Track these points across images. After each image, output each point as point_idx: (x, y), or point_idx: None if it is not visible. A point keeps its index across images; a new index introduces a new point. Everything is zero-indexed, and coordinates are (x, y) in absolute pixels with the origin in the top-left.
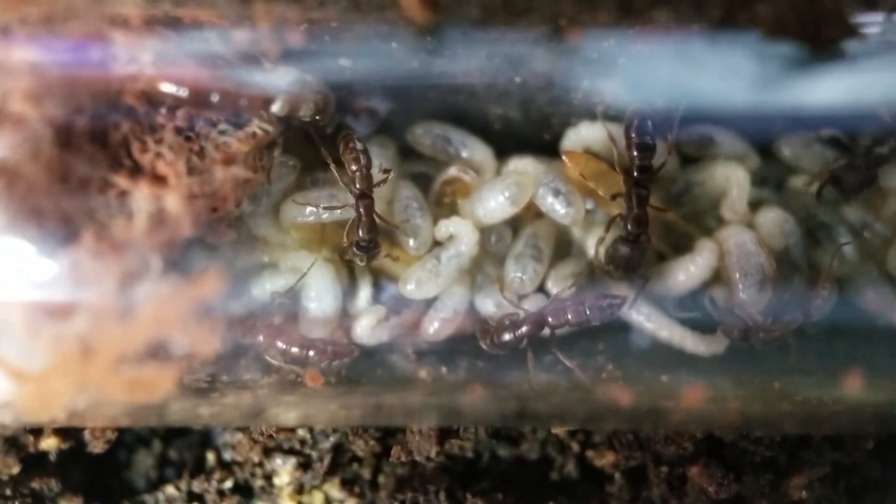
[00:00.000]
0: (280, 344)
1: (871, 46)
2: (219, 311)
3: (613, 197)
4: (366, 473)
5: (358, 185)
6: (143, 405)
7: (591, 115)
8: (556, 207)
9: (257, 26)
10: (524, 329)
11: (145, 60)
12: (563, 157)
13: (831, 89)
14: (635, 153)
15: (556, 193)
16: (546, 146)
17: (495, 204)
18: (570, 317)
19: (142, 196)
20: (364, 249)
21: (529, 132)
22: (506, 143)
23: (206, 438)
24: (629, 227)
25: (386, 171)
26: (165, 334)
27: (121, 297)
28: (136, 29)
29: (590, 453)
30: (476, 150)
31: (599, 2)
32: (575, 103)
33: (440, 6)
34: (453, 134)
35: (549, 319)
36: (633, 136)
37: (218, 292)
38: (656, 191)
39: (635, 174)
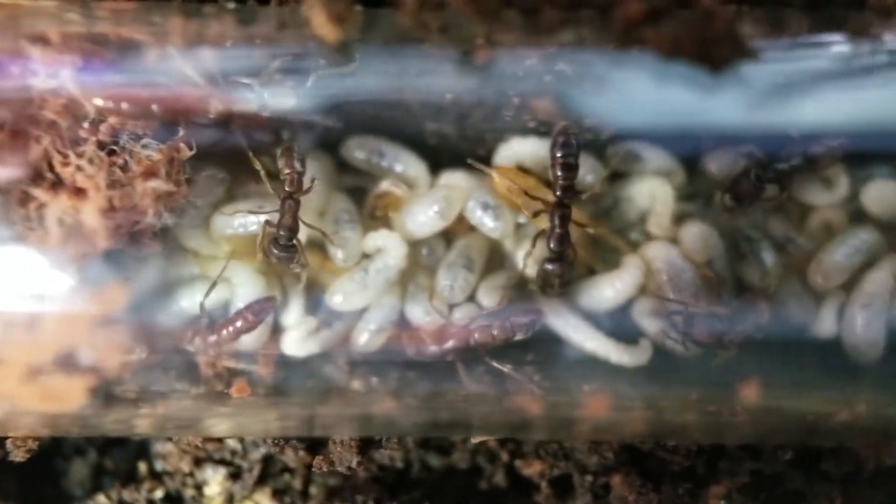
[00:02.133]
0: (211, 353)
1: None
2: (138, 322)
3: (535, 214)
4: (297, 484)
5: (287, 188)
6: (58, 415)
7: (523, 131)
8: (485, 221)
9: (172, 43)
10: (450, 343)
11: (65, 76)
12: (492, 173)
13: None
14: (559, 172)
15: (486, 207)
16: (481, 161)
17: (425, 218)
18: (495, 332)
19: (59, 208)
20: (281, 248)
21: (464, 147)
22: (442, 158)
23: (142, 448)
24: (552, 245)
25: (314, 179)
26: (74, 345)
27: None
28: (56, 46)
29: (518, 462)
30: (410, 165)
31: (509, 22)
32: (507, 119)
33: (350, 25)
34: (387, 148)
35: (476, 335)
36: (558, 155)
37: (124, 304)
38: (586, 206)
39: (558, 193)
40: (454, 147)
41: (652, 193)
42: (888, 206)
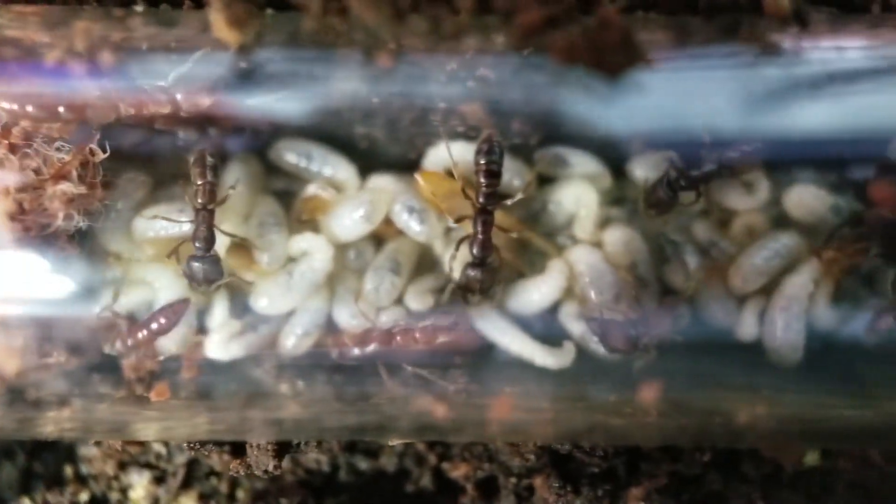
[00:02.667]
0: (130, 356)
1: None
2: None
3: (459, 220)
4: (223, 487)
5: (199, 199)
6: None
7: (453, 136)
8: (410, 225)
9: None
10: (373, 346)
11: None
12: (417, 177)
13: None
14: (482, 179)
15: (411, 211)
16: (411, 166)
17: (350, 221)
18: (418, 335)
19: None
20: (201, 261)
21: (396, 151)
22: (373, 162)
23: (69, 452)
24: (474, 251)
25: (231, 188)
26: None
27: None
28: None
29: (446, 465)
30: (339, 168)
31: (414, 27)
32: (435, 124)
33: (250, 29)
34: (316, 151)
35: (398, 338)
36: (481, 162)
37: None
38: (515, 210)
39: (481, 200)
40: (385, 151)
41: (577, 198)
42: (809, 211)
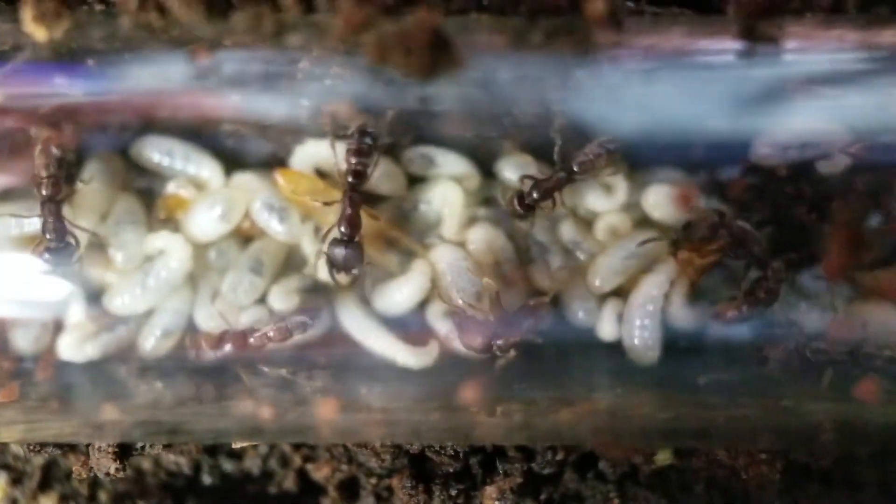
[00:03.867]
0: None
1: None
2: None
3: (327, 204)
4: (84, 489)
5: (44, 192)
6: None
7: (320, 133)
8: (271, 224)
9: None
10: (228, 347)
11: None
12: (276, 175)
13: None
14: (351, 159)
15: (271, 209)
16: (278, 163)
17: (206, 220)
18: (272, 335)
19: None
20: (52, 252)
21: (265, 149)
22: (242, 160)
23: None
24: (342, 228)
25: (82, 181)
26: None
27: None
28: None
29: (310, 466)
30: (202, 166)
31: (235, 25)
32: (303, 122)
33: (60, 25)
34: (178, 149)
35: (251, 339)
36: (351, 142)
37: None
38: (389, 209)
39: (350, 179)
40: (253, 148)
41: (443, 197)
42: (667, 211)
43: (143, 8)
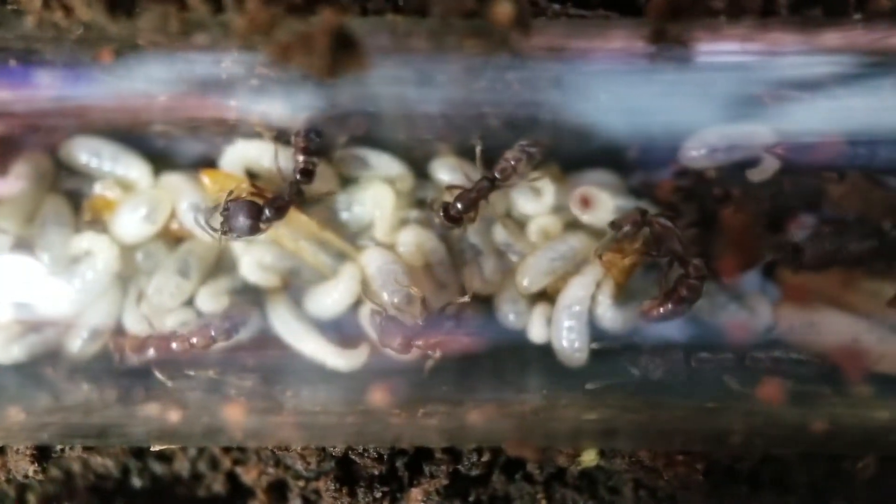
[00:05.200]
0: None
1: None
2: None
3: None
4: (11, 491)
5: None
6: None
7: (250, 133)
8: (196, 224)
9: None
10: (151, 351)
11: None
12: (202, 175)
13: None
14: (300, 156)
15: (197, 210)
16: (207, 164)
17: (130, 221)
18: (195, 339)
19: None
20: None
21: (197, 149)
22: (174, 160)
23: None
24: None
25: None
26: None
27: None
28: None
29: (239, 469)
30: (131, 167)
31: (142, 24)
32: (230, 123)
33: None
34: (106, 150)
35: (174, 344)
36: (299, 139)
37: None
38: (321, 211)
39: (298, 177)
40: (183, 149)
41: (375, 199)
42: (596, 213)
43: (48, 7)
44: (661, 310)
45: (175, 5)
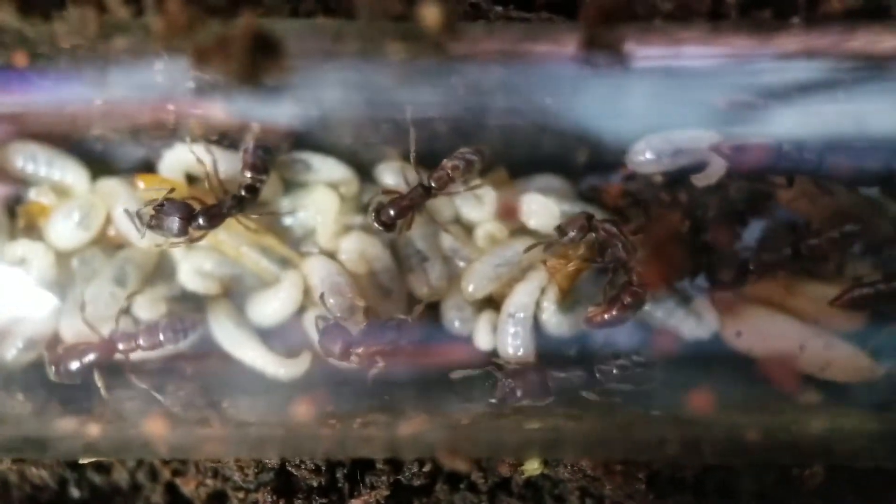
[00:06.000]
0: None
1: None
2: None
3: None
4: None
5: None
6: None
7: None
8: (132, 231)
9: None
10: (92, 356)
11: None
12: (138, 180)
13: None
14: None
15: (133, 216)
16: (147, 169)
17: (64, 227)
18: (141, 342)
19: None
20: None
21: (136, 154)
22: (113, 165)
23: None
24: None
25: None
26: None
27: None
28: None
29: (179, 480)
30: (67, 172)
31: (58, 27)
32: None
33: None
34: (42, 154)
35: (119, 345)
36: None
37: None
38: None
39: (243, 193)
40: (124, 154)
41: (318, 204)
42: (541, 219)
43: None
44: (605, 316)
45: (94, 8)
